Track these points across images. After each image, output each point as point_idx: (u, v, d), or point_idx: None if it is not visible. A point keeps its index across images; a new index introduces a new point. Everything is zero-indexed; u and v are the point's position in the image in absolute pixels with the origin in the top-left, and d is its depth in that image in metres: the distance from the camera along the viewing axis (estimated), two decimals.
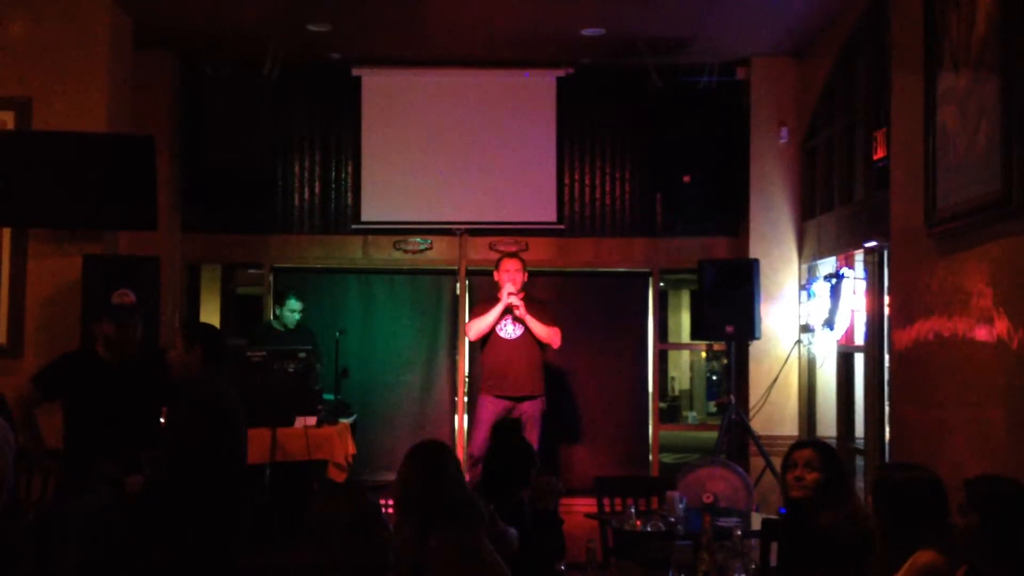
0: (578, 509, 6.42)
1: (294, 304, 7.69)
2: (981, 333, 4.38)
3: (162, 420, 4.92)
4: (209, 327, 5.22)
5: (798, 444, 4.13)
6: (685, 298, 16.92)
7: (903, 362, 5.42)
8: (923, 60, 4.92)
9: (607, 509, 5.61)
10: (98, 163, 6.33)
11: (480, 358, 7.16)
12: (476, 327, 6.94)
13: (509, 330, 6.90)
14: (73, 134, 6.35)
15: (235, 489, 4.50)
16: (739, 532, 4.35)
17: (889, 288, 5.87)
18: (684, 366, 18.24)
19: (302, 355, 6.75)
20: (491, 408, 6.78)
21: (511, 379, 6.84)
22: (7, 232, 6.50)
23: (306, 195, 8.43)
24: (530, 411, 6.80)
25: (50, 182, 6.23)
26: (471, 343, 7.78)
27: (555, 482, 4.38)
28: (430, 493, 3.21)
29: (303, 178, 8.44)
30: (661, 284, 8.49)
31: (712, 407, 16.39)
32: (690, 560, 4.30)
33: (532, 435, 6.73)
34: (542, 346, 6.94)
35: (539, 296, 7.33)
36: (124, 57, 6.93)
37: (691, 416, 16.30)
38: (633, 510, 4.84)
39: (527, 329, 6.88)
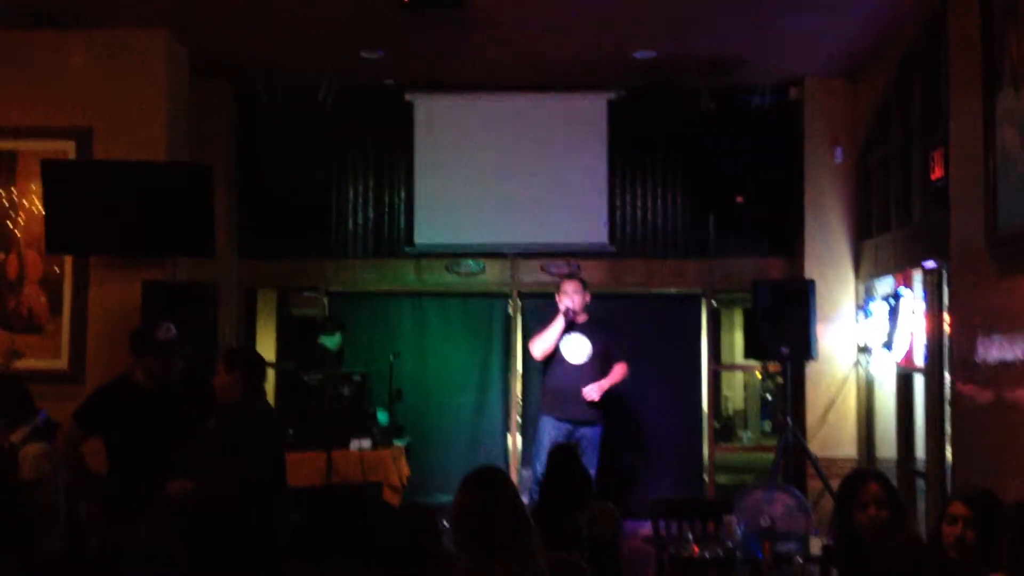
0: (634, 531, 6.40)
1: None
2: None
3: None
4: (249, 353, 5.34)
5: (953, 495, 3.99)
6: (738, 317, 16.73)
7: (964, 384, 5.33)
8: (981, 79, 4.85)
9: (663, 533, 5.57)
10: (157, 191, 6.44)
11: (544, 380, 7.18)
12: (540, 344, 7.02)
13: (575, 354, 6.93)
14: (132, 163, 6.48)
15: (272, 509, 4.59)
16: (800, 559, 4.31)
17: (949, 309, 5.78)
18: (738, 386, 18.03)
19: (356, 378, 6.81)
20: (552, 431, 6.81)
21: (573, 403, 6.87)
22: (69, 260, 6.64)
23: (360, 219, 8.50)
24: (590, 435, 6.85)
25: (110, 211, 6.35)
26: (529, 366, 7.85)
27: (611, 508, 4.36)
28: (487, 522, 3.19)
29: (357, 203, 8.51)
30: (713, 303, 8.44)
31: (767, 427, 16.21)
32: None
33: (591, 459, 6.76)
34: (604, 372, 6.96)
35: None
36: (181, 87, 7.06)
37: (745, 436, 16.12)
38: (691, 535, 4.80)
39: (592, 354, 6.91)
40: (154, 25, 6.72)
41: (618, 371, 7.03)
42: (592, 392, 6.88)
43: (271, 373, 8.92)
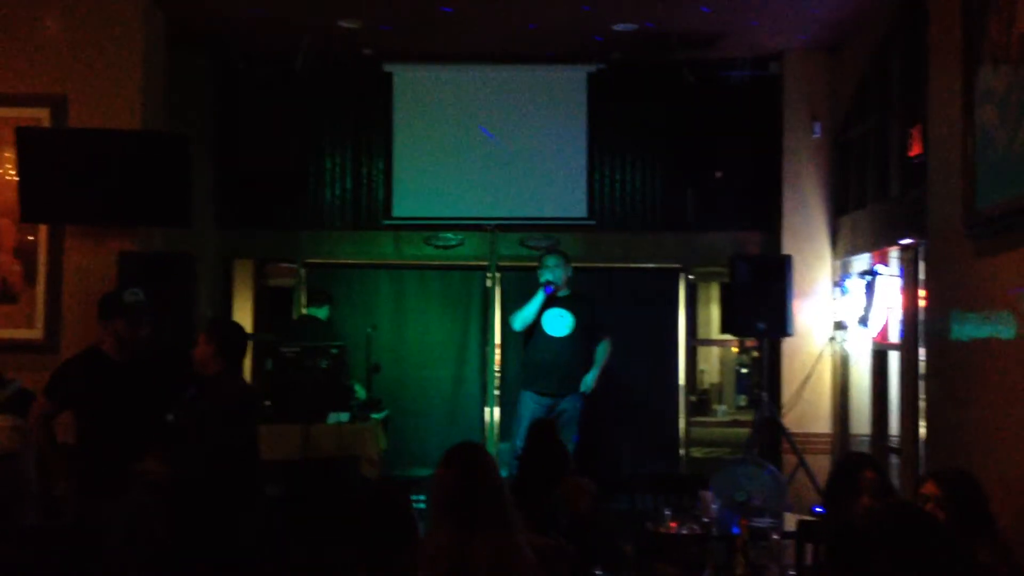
0: (611, 506, 6.43)
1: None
2: (1021, 334, 4.33)
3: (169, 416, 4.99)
4: (229, 325, 5.33)
5: (923, 476, 4.02)
6: (715, 291, 16.74)
7: (938, 361, 5.38)
8: (961, 57, 4.86)
9: (640, 507, 5.61)
10: (133, 160, 6.36)
11: (524, 354, 7.19)
12: (521, 318, 7.03)
13: (556, 327, 6.94)
14: (108, 131, 6.40)
15: (249, 483, 4.60)
16: (776, 535, 4.35)
17: (926, 286, 5.82)
18: (714, 360, 18.11)
19: (334, 351, 6.80)
20: (533, 405, 6.83)
21: (555, 376, 6.90)
22: (44, 229, 6.56)
23: (338, 191, 8.46)
24: (570, 408, 6.89)
25: (85, 179, 6.26)
26: (508, 339, 7.89)
27: (588, 483, 4.38)
28: (466, 497, 3.20)
29: (335, 173, 8.47)
30: (691, 277, 8.47)
31: (742, 401, 16.31)
32: (725, 561, 4.30)
33: (570, 432, 6.81)
34: (586, 345, 6.97)
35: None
36: (158, 54, 6.97)
37: (721, 410, 16.21)
38: (667, 511, 4.82)
39: (574, 327, 6.91)
40: None
41: (604, 351, 7.06)
42: (589, 385, 6.94)
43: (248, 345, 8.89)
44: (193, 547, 4.29)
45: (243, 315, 8.92)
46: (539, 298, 6.97)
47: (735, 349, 16.71)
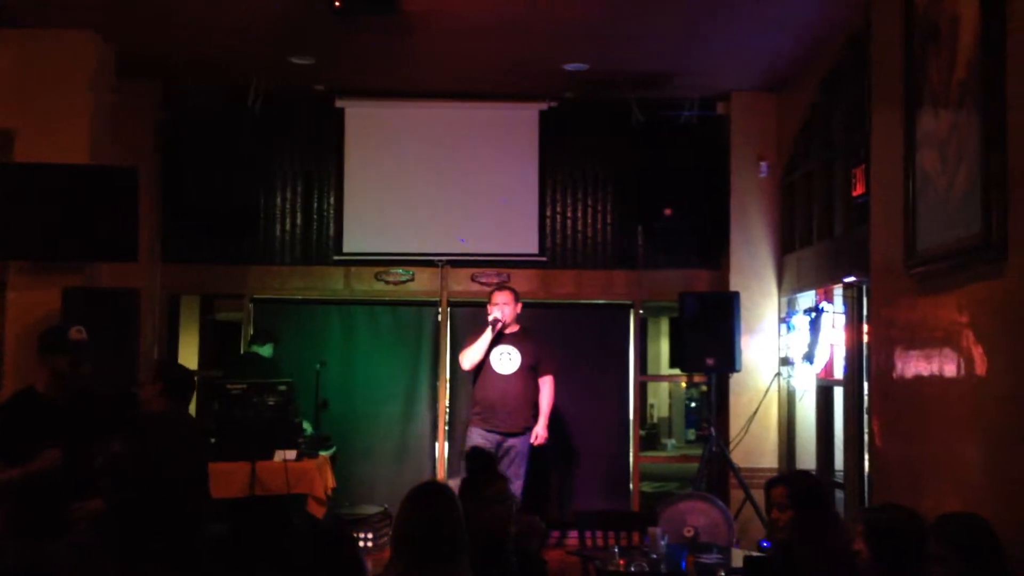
0: (560, 542, 6.43)
1: None
2: (960, 372, 4.42)
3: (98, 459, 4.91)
4: (175, 366, 5.31)
5: (771, 481, 4.18)
6: (664, 326, 16.93)
7: (882, 397, 5.46)
8: (903, 100, 4.98)
9: (588, 543, 5.61)
10: (79, 195, 6.30)
11: (473, 391, 7.18)
12: (470, 356, 7.02)
13: (504, 365, 6.95)
14: (54, 166, 6.33)
15: (191, 520, 4.56)
16: (722, 573, 4.38)
17: (868, 324, 5.91)
18: (663, 394, 18.23)
19: (282, 387, 6.74)
20: (480, 442, 6.81)
21: (502, 414, 6.90)
22: None
23: (288, 226, 8.43)
24: (518, 446, 6.88)
25: (31, 214, 6.20)
26: (458, 375, 7.89)
27: (537, 522, 4.38)
28: (429, 535, 3.21)
29: (285, 209, 8.44)
30: (640, 312, 8.54)
31: (691, 435, 16.41)
32: None
33: (519, 470, 6.80)
34: (534, 382, 6.99)
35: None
36: (108, 89, 6.92)
37: (670, 444, 16.30)
38: (616, 549, 4.84)
39: (521, 365, 6.93)
40: (81, 25, 6.57)
41: (547, 394, 7.06)
42: (540, 437, 6.96)
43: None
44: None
45: (189, 351, 8.84)
46: (487, 336, 6.97)
47: (684, 384, 16.84)
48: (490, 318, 6.99)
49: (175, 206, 8.25)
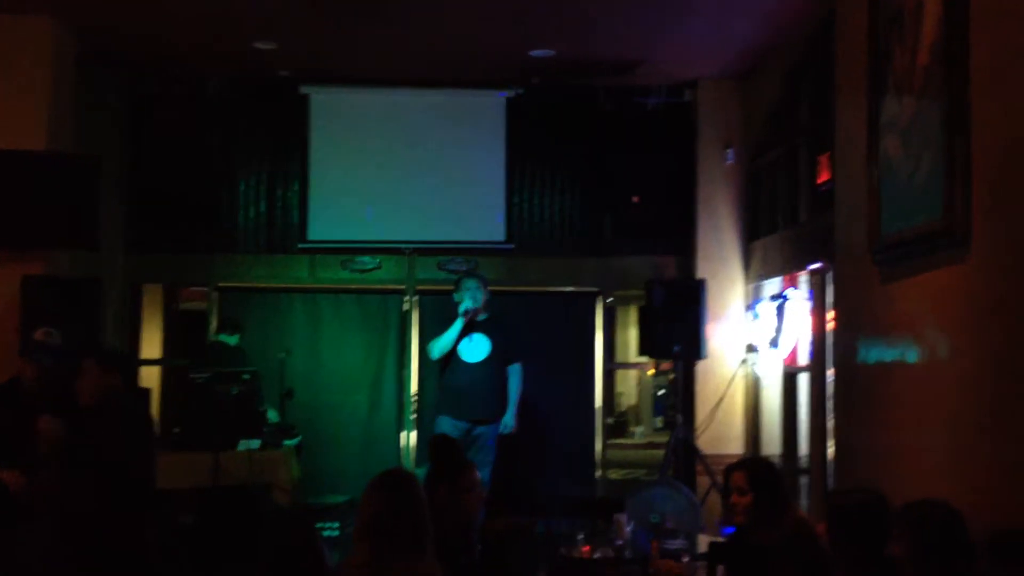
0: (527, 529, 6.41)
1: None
2: (922, 359, 4.44)
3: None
4: (122, 354, 5.22)
5: (731, 466, 4.19)
6: (633, 314, 16.94)
7: (845, 384, 5.49)
8: (867, 87, 4.99)
9: (555, 531, 5.60)
10: (39, 182, 6.22)
11: (441, 379, 7.16)
12: (440, 345, 7.00)
13: (472, 353, 6.94)
14: (14, 152, 6.25)
15: (147, 508, 4.51)
16: (687, 557, 4.39)
17: (833, 310, 5.94)
18: (631, 382, 18.27)
19: (246, 376, 6.69)
20: (449, 430, 6.81)
21: (471, 402, 6.90)
22: None
23: (252, 213, 8.34)
24: (487, 434, 6.89)
25: None
26: (425, 364, 7.86)
27: (522, 523, 4.39)
28: (390, 521, 3.20)
29: (249, 196, 8.35)
30: (609, 300, 8.53)
31: (659, 423, 16.45)
32: None
33: (487, 457, 6.80)
34: (503, 370, 6.98)
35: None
36: (67, 75, 6.83)
37: (638, 432, 16.35)
38: (581, 536, 4.83)
39: (490, 353, 6.92)
40: (38, 11, 6.47)
41: (516, 382, 7.07)
42: (509, 426, 6.99)
43: (157, 371, 8.72)
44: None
45: (152, 341, 8.75)
46: (457, 325, 6.96)
47: (652, 372, 16.89)
48: (461, 308, 6.96)
49: (138, 194, 8.16)
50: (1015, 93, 3.69)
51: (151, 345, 8.80)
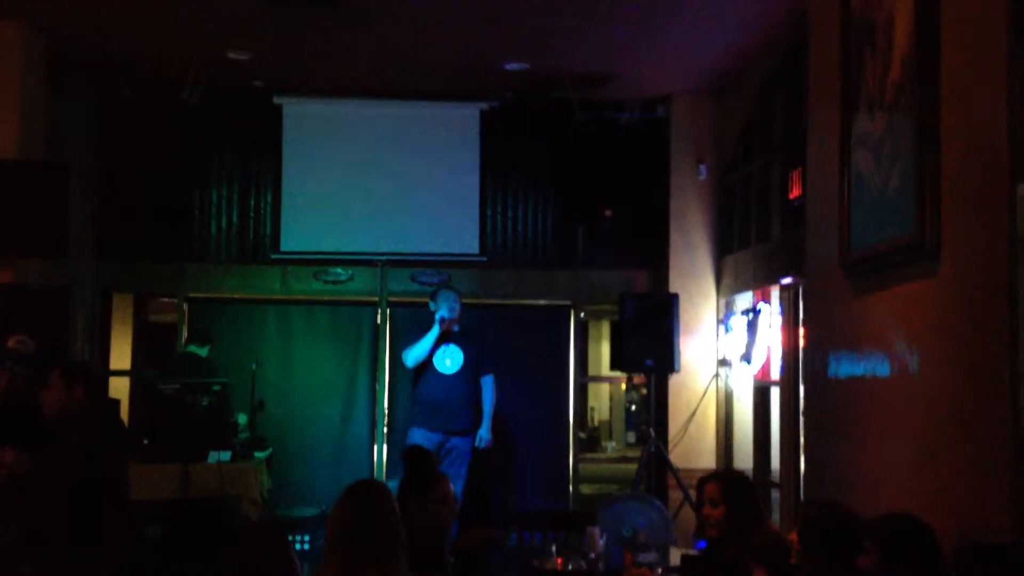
0: (499, 542, 6.39)
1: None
2: (892, 372, 4.46)
3: None
4: (86, 365, 5.17)
5: (704, 478, 4.20)
6: (606, 328, 16.98)
7: (817, 398, 5.50)
8: (839, 102, 5.02)
9: (527, 544, 5.59)
10: (8, 189, 6.16)
11: (414, 391, 7.14)
12: (415, 354, 7.00)
13: (446, 365, 6.93)
14: None
15: (120, 521, 4.46)
16: (660, 569, 4.38)
17: (804, 324, 5.96)
18: (604, 396, 18.29)
19: (216, 388, 6.64)
20: (422, 442, 6.78)
21: (445, 413, 6.89)
22: None
23: (224, 223, 8.29)
24: (461, 446, 6.88)
25: None
26: (398, 376, 7.85)
27: (493, 534, 4.37)
28: (362, 532, 3.17)
29: (221, 206, 8.30)
30: (581, 315, 8.54)
31: (631, 437, 16.46)
32: None
33: (460, 470, 6.79)
34: (476, 382, 6.98)
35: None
36: (38, 82, 6.78)
37: (610, 446, 16.35)
38: (554, 548, 4.82)
39: (463, 364, 6.92)
40: (9, 17, 6.42)
41: (490, 394, 7.10)
42: (485, 440, 7.02)
43: (127, 382, 8.62)
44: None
45: (122, 351, 8.66)
46: (433, 333, 6.95)
47: (624, 387, 16.92)
48: (437, 316, 6.96)
49: (109, 202, 8.09)
50: (984, 108, 3.73)
51: (121, 355, 8.71)
